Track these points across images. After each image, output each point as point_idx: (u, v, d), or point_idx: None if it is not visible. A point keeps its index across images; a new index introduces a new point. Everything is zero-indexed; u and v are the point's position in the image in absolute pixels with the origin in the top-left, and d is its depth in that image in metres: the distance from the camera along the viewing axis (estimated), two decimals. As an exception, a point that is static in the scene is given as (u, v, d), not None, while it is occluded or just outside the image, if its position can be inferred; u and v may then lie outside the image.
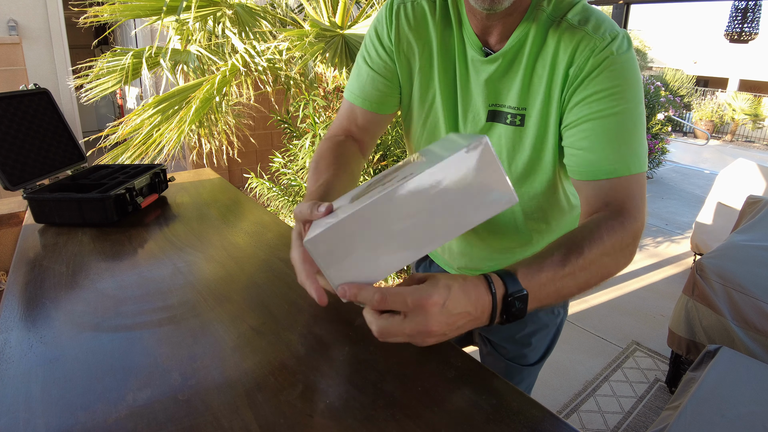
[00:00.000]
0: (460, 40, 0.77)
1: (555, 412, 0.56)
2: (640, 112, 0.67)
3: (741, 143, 11.49)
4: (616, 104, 0.66)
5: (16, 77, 3.20)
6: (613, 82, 0.66)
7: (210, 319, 0.72)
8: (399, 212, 0.51)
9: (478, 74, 0.75)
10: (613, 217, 0.63)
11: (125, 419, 0.53)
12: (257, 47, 2.17)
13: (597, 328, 2.58)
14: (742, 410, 1.23)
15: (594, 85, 0.66)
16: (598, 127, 0.66)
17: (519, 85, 0.73)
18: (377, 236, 0.52)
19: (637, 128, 0.67)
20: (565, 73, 0.68)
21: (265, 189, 2.72)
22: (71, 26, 4.54)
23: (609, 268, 0.62)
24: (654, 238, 3.99)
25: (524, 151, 0.76)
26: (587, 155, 0.67)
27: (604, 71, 0.66)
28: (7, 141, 1.10)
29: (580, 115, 0.68)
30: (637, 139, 0.67)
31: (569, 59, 0.68)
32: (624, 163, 0.66)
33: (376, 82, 0.84)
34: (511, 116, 0.75)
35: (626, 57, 0.66)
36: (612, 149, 0.66)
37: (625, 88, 0.66)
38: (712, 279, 1.91)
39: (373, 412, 0.54)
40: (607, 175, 0.66)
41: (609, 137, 0.66)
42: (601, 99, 0.66)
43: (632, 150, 0.66)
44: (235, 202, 1.27)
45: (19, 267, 0.90)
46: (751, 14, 5.85)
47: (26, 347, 0.66)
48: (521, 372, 1.00)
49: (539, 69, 0.71)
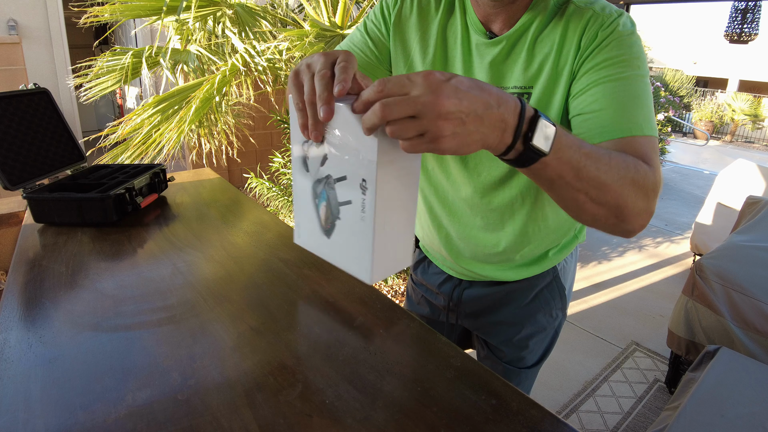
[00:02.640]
0: (464, 27, 0.78)
1: (554, 413, 0.56)
2: (647, 83, 0.68)
3: (741, 144, 11.50)
4: (623, 70, 0.67)
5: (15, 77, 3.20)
6: (620, 50, 0.68)
7: (209, 319, 0.72)
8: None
9: (482, 58, 0.77)
10: (640, 161, 0.61)
11: (124, 419, 0.53)
12: (257, 47, 2.17)
13: (596, 329, 2.58)
14: (742, 411, 1.23)
15: (603, 54, 0.68)
16: (609, 90, 0.66)
17: (522, 66, 0.74)
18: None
19: (646, 95, 0.67)
20: (576, 47, 0.71)
21: (265, 189, 2.72)
22: (71, 26, 4.54)
23: (622, 189, 0.56)
24: (654, 238, 3.99)
25: None
26: (602, 116, 0.66)
27: (612, 42, 0.68)
28: (7, 141, 1.10)
29: (590, 80, 0.69)
30: (646, 105, 0.67)
31: (579, 34, 0.70)
32: (637, 124, 0.64)
33: (364, 46, 0.84)
34: (518, 96, 0.76)
35: (632, 33, 0.69)
36: (625, 110, 0.65)
37: (632, 57, 0.68)
38: (712, 279, 1.91)
39: (372, 412, 0.54)
40: (623, 133, 0.64)
41: (621, 99, 0.66)
42: (610, 65, 0.67)
43: (643, 113, 0.65)
44: (235, 202, 1.27)
45: (19, 267, 0.89)
46: (750, 15, 5.85)
47: (25, 347, 0.66)
48: (519, 375, 1.00)
49: (545, 48, 0.73)
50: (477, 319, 1.01)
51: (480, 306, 0.99)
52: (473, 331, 1.05)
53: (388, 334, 0.70)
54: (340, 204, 0.66)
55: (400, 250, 0.66)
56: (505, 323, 0.97)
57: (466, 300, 0.99)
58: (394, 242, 0.64)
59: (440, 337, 0.69)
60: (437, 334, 0.70)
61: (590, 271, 3.33)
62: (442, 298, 1.03)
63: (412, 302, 1.14)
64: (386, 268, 0.65)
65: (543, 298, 0.95)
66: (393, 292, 2.73)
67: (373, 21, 0.85)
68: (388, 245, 0.63)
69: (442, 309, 1.05)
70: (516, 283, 0.94)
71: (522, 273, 0.93)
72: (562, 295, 0.97)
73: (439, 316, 1.07)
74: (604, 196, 0.56)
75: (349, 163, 0.59)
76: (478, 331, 1.02)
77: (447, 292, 1.02)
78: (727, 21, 6.14)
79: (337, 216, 0.68)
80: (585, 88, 0.69)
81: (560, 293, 0.96)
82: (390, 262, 0.65)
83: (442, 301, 1.03)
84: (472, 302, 0.99)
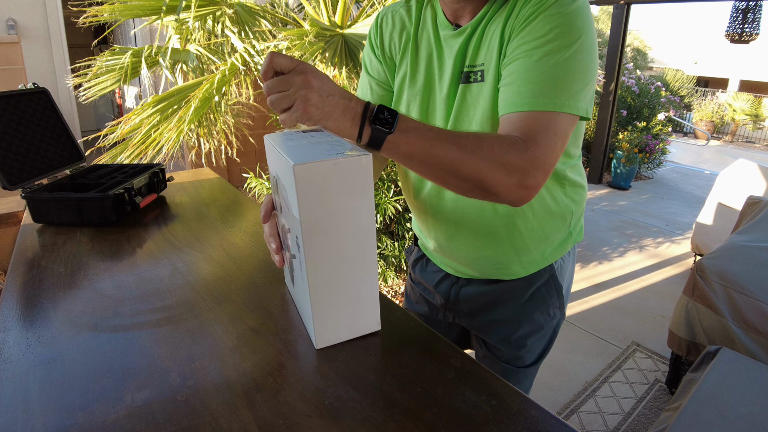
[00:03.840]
0: (434, 27, 0.85)
1: (555, 413, 0.56)
2: (577, 59, 0.66)
3: (741, 144, 11.50)
4: (543, 46, 0.66)
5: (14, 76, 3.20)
6: (549, 28, 0.67)
7: (209, 319, 0.72)
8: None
9: (451, 48, 0.82)
10: (509, 136, 0.64)
11: (123, 420, 0.53)
12: (257, 46, 2.17)
13: (597, 329, 2.58)
14: (743, 411, 1.23)
15: (529, 29, 0.68)
16: (522, 66, 0.67)
17: (476, 47, 0.79)
18: None
19: (570, 69, 0.66)
20: (513, 22, 0.72)
21: (264, 189, 2.71)
22: (70, 25, 4.54)
23: (484, 163, 0.61)
24: (654, 238, 3.99)
25: (484, 106, 0.78)
26: (509, 90, 0.68)
27: (541, 16, 0.68)
28: (6, 140, 1.09)
29: (512, 54, 0.70)
30: (567, 80, 0.66)
31: (519, 9, 0.71)
32: (536, 100, 0.65)
33: (373, 86, 0.95)
34: (473, 74, 0.80)
35: (573, 6, 0.67)
36: (527, 86, 0.66)
37: (562, 33, 0.66)
38: (713, 280, 1.91)
39: (372, 413, 0.54)
40: (516, 108, 0.66)
41: (527, 76, 0.66)
42: (532, 41, 0.67)
43: (554, 90, 0.65)
44: (234, 202, 1.27)
45: (18, 267, 0.89)
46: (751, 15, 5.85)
47: (24, 347, 0.65)
48: (517, 374, 1.00)
49: (493, 27, 0.76)
50: (474, 318, 1.01)
51: (477, 304, 0.99)
52: (471, 329, 1.05)
53: (387, 335, 0.69)
54: (291, 256, 0.65)
55: (357, 314, 0.63)
56: (503, 322, 0.97)
57: (463, 298, 0.99)
58: (347, 306, 0.61)
59: (440, 337, 0.69)
60: (437, 335, 0.70)
61: (591, 271, 3.33)
62: (440, 297, 1.03)
63: (411, 301, 1.14)
64: (338, 334, 0.63)
65: (540, 296, 0.95)
66: (393, 293, 2.73)
67: (366, 60, 0.96)
68: (335, 309, 0.61)
69: (439, 307, 1.05)
70: (513, 282, 0.94)
71: (518, 272, 0.93)
72: (560, 294, 0.97)
73: (438, 315, 1.07)
74: (459, 171, 0.62)
75: (291, 216, 0.59)
76: (476, 329, 1.03)
77: (444, 290, 1.02)
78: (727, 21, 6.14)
79: (292, 268, 0.67)
80: (507, 61, 0.71)
81: (557, 292, 0.96)
82: (343, 327, 0.63)
83: (440, 299, 1.03)
84: (469, 300, 0.99)
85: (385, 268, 2.58)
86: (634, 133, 5.42)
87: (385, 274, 2.58)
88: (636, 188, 5.51)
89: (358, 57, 2.15)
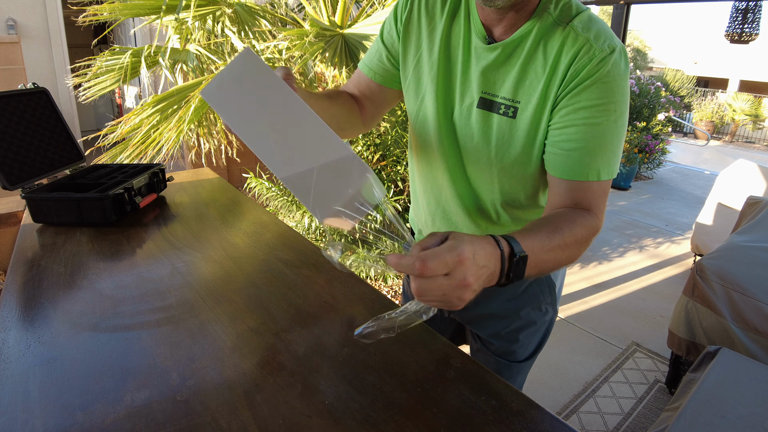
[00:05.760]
0: (467, 29, 0.81)
1: (554, 413, 0.56)
2: (621, 125, 0.74)
3: (741, 144, 11.50)
4: (600, 115, 0.71)
5: (14, 76, 3.20)
6: (602, 94, 0.71)
7: (208, 319, 0.72)
8: None
9: (479, 61, 0.79)
10: (584, 214, 0.72)
11: (123, 420, 0.53)
12: (257, 46, 2.17)
13: (597, 329, 2.58)
14: (742, 411, 1.23)
15: (585, 94, 0.71)
16: (581, 134, 0.72)
17: (514, 78, 0.76)
18: None
19: (615, 140, 0.74)
20: (563, 75, 0.72)
21: (264, 189, 2.71)
22: (70, 25, 4.54)
23: (574, 255, 0.69)
24: (654, 239, 3.99)
25: (516, 144, 0.79)
26: (568, 156, 0.74)
27: (596, 83, 0.71)
28: (6, 140, 1.09)
29: (567, 119, 0.73)
30: (612, 150, 0.74)
31: (569, 62, 0.72)
32: (595, 170, 0.73)
33: (382, 54, 0.91)
34: (504, 107, 0.78)
35: (619, 72, 0.71)
36: (590, 156, 0.73)
37: (612, 101, 0.71)
38: (712, 280, 1.91)
39: (372, 413, 0.54)
40: (581, 177, 0.74)
41: (589, 145, 0.72)
42: (588, 108, 0.71)
43: (607, 159, 0.73)
44: (234, 202, 1.26)
45: (18, 267, 0.89)
46: (751, 15, 5.85)
47: (24, 347, 0.65)
48: (510, 368, 1.02)
49: (537, 66, 0.74)
50: (467, 311, 1.02)
51: None
52: (464, 324, 1.06)
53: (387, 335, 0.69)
54: None
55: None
56: (495, 316, 0.99)
57: None
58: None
59: (440, 337, 0.69)
60: (437, 335, 0.70)
61: (590, 271, 3.33)
62: None
63: (408, 298, 1.15)
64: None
65: (531, 292, 0.97)
66: (393, 293, 2.73)
67: (386, 26, 0.91)
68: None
69: None
70: None
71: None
72: (552, 291, 0.99)
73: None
74: (557, 268, 0.69)
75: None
76: (469, 323, 1.04)
77: None
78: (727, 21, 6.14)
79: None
80: (561, 124, 0.74)
81: (549, 288, 0.98)
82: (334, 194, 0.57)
83: None
84: None
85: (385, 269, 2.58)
86: (634, 133, 5.41)
87: (385, 274, 2.58)
88: (636, 188, 5.51)
89: (358, 57, 2.15)
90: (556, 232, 0.65)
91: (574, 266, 3.37)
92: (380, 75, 0.92)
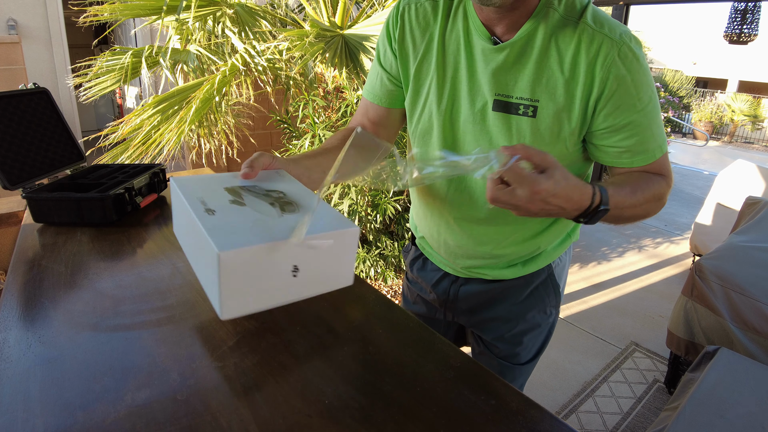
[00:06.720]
0: (466, 31, 0.79)
1: (554, 413, 0.56)
2: (657, 98, 0.78)
3: (740, 144, 11.51)
4: (642, 103, 0.74)
5: (15, 76, 3.20)
6: (637, 84, 0.73)
7: (209, 319, 0.72)
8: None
9: (487, 63, 0.77)
10: (659, 179, 0.80)
11: (124, 419, 0.53)
12: (257, 47, 2.17)
13: (596, 329, 2.58)
14: (741, 411, 1.23)
15: (623, 90, 0.73)
16: (636, 128, 0.76)
17: (529, 78, 0.75)
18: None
19: (659, 115, 0.79)
20: (590, 76, 0.72)
21: (265, 189, 2.71)
22: (71, 25, 4.54)
23: (649, 211, 0.79)
24: (653, 239, 3.99)
25: (539, 143, 0.77)
26: (632, 150, 0.78)
27: (629, 75, 0.72)
28: (6, 140, 1.10)
29: (619, 120, 0.75)
30: (659, 124, 0.79)
31: (592, 62, 0.72)
32: (658, 147, 0.79)
33: (383, 78, 0.91)
34: (523, 107, 0.77)
35: (640, 55, 0.73)
36: (651, 141, 0.78)
37: (645, 83, 0.74)
38: (711, 280, 1.92)
39: (372, 412, 0.54)
40: (648, 161, 0.79)
41: (647, 133, 0.77)
42: (633, 102, 0.74)
43: (660, 133, 0.79)
44: (235, 202, 1.26)
45: (18, 266, 0.89)
46: (750, 15, 5.86)
47: (25, 347, 0.65)
48: (513, 371, 1.01)
49: (552, 64, 0.73)
50: (472, 316, 1.01)
51: (475, 302, 0.99)
52: (468, 327, 1.06)
53: (387, 334, 0.70)
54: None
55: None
56: (500, 319, 0.98)
57: (462, 297, 1.00)
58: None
59: (439, 337, 0.69)
60: (436, 335, 0.70)
61: (590, 271, 3.33)
62: (438, 295, 1.04)
63: (408, 301, 1.15)
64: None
65: (537, 295, 0.96)
66: (392, 293, 2.73)
67: (381, 49, 0.91)
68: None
69: (438, 306, 1.05)
70: (512, 281, 0.95)
71: (518, 271, 0.94)
72: (557, 293, 0.98)
73: (435, 314, 1.07)
74: (633, 221, 0.78)
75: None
76: (473, 327, 1.03)
77: (444, 289, 1.02)
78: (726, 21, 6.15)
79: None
80: (613, 126, 0.76)
81: (554, 291, 0.98)
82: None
83: (438, 298, 1.04)
84: (467, 299, 0.99)
85: (385, 269, 2.58)
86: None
87: (385, 274, 2.58)
88: (635, 189, 5.51)
89: (358, 57, 2.15)
90: (638, 191, 0.74)
91: (574, 266, 3.38)
92: (385, 99, 0.91)
